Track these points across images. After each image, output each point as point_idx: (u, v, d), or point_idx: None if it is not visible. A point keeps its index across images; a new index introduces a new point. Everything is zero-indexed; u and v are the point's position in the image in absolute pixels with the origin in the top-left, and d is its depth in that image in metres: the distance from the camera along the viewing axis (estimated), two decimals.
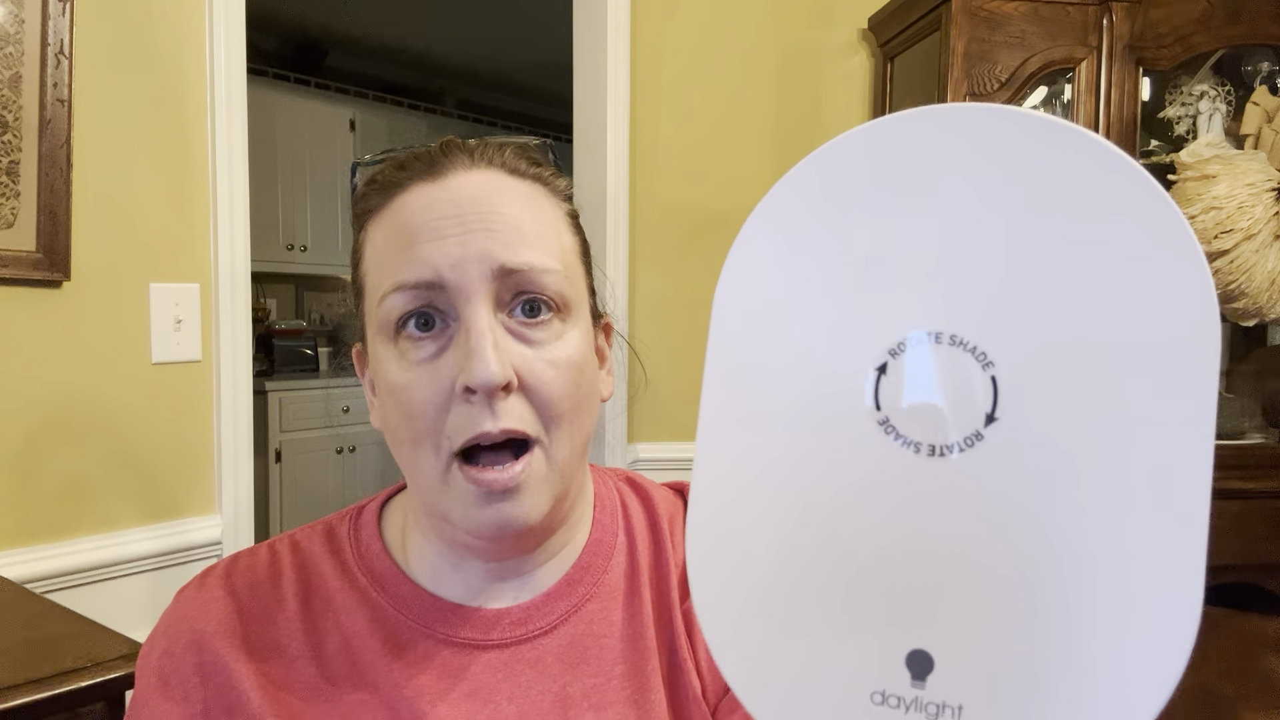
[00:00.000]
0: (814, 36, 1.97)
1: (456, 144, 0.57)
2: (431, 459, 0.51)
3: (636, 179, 1.92)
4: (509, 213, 0.53)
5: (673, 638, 0.59)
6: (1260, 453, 1.74)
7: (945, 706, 0.29)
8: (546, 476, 0.52)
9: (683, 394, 1.95)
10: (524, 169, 0.57)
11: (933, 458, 0.30)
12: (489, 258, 0.51)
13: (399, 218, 0.54)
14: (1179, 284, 0.27)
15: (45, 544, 1.26)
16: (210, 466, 1.44)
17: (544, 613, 0.57)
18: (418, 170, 0.55)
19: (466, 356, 0.50)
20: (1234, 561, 1.70)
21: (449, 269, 0.51)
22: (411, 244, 0.52)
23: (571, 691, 0.55)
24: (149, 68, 1.35)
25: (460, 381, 0.50)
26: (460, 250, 0.51)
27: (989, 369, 0.29)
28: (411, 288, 0.51)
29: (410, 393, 0.51)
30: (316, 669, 0.55)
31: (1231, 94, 1.79)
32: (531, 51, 4.32)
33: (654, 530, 0.63)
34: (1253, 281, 1.63)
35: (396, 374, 0.52)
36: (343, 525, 0.61)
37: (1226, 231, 1.62)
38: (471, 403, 0.50)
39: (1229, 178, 1.63)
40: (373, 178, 0.57)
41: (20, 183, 1.21)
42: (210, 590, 0.57)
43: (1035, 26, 1.67)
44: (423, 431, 0.51)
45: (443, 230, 0.52)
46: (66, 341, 1.28)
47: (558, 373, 0.52)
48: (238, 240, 1.44)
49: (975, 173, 0.30)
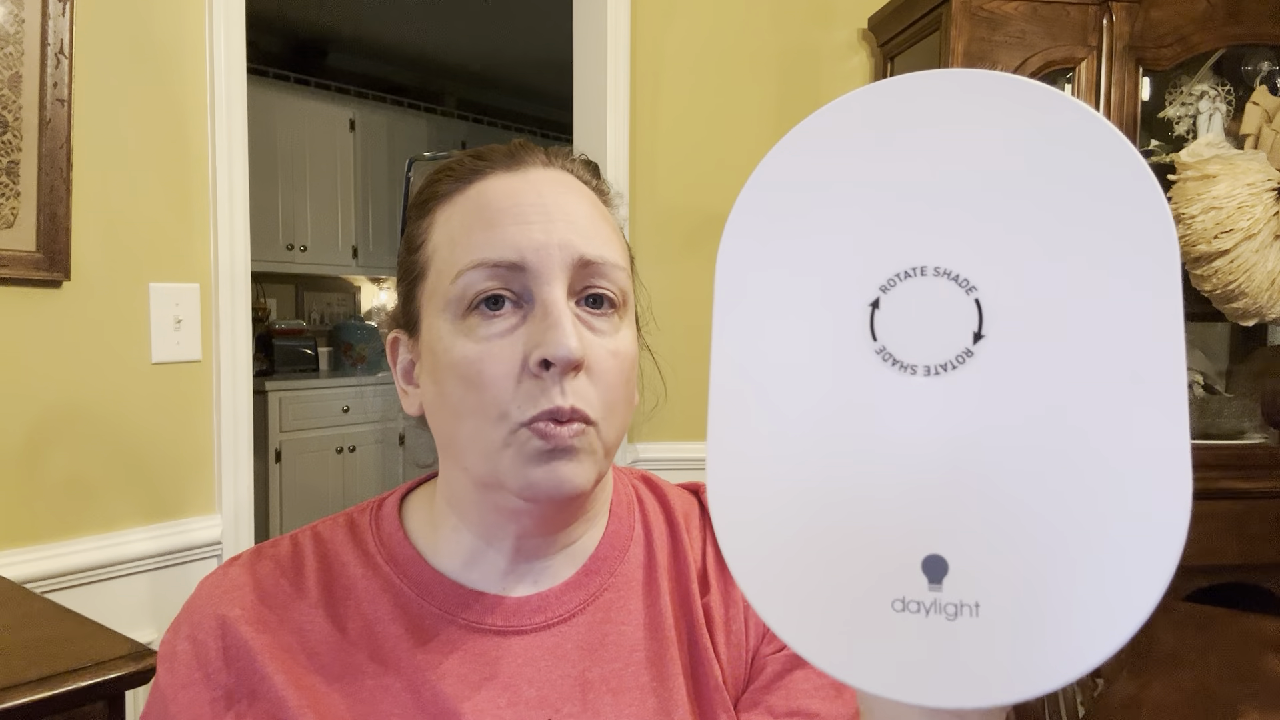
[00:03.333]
0: (814, 36, 1.97)
1: (532, 145, 0.60)
2: (492, 428, 0.53)
3: (636, 179, 1.92)
4: (584, 209, 0.57)
5: (693, 629, 0.60)
6: (1260, 453, 1.74)
7: (963, 605, 0.31)
8: (595, 450, 0.54)
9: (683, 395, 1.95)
10: (589, 178, 0.61)
11: (929, 377, 0.32)
12: (571, 247, 0.54)
13: (479, 200, 0.56)
14: (1134, 198, 0.31)
15: (45, 544, 1.26)
16: (210, 466, 1.44)
17: (563, 601, 0.59)
18: (498, 161, 0.58)
19: (545, 331, 0.52)
20: (1234, 561, 1.70)
21: (532, 251, 0.53)
22: (494, 225, 0.55)
23: (591, 676, 0.57)
24: (149, 68, 1.35)
25: (538, 355, 0.51)
26: (544, 236, 0.54)
27: (972, 293, 0.32)
28: (493, 265, 0.53)
29: (481, 364, 0.53)
30: (339, 654, 0.56)
31: (1231, 94, 1.79)
32: (531, 51, 4.32)
33: (671, 526, 0.65)
34: (1253, 281, 1.63)
35: (465, 347, 0.54)
36: (364, 516, 0.63)
37: (1226, 231, 1.62)
38: (543, 378, 0.52)
39: (1229, 178, 1.63)
40: (447, 166, 0.60)
41: (20, 183, 1.21)
42: (235, 577, 0.58)
43: (1035, 26, 1.67)
44: (490, 402, 0.53)
45: (527, 216, 0.55)
46: (66, 341, 1.28)
47: (617, 362, 0.55)
48: (238, 240, 1.44)
49: (958, 123, 0.33)
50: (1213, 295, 1.68)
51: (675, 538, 0.64)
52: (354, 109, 4.29)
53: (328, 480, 3.84)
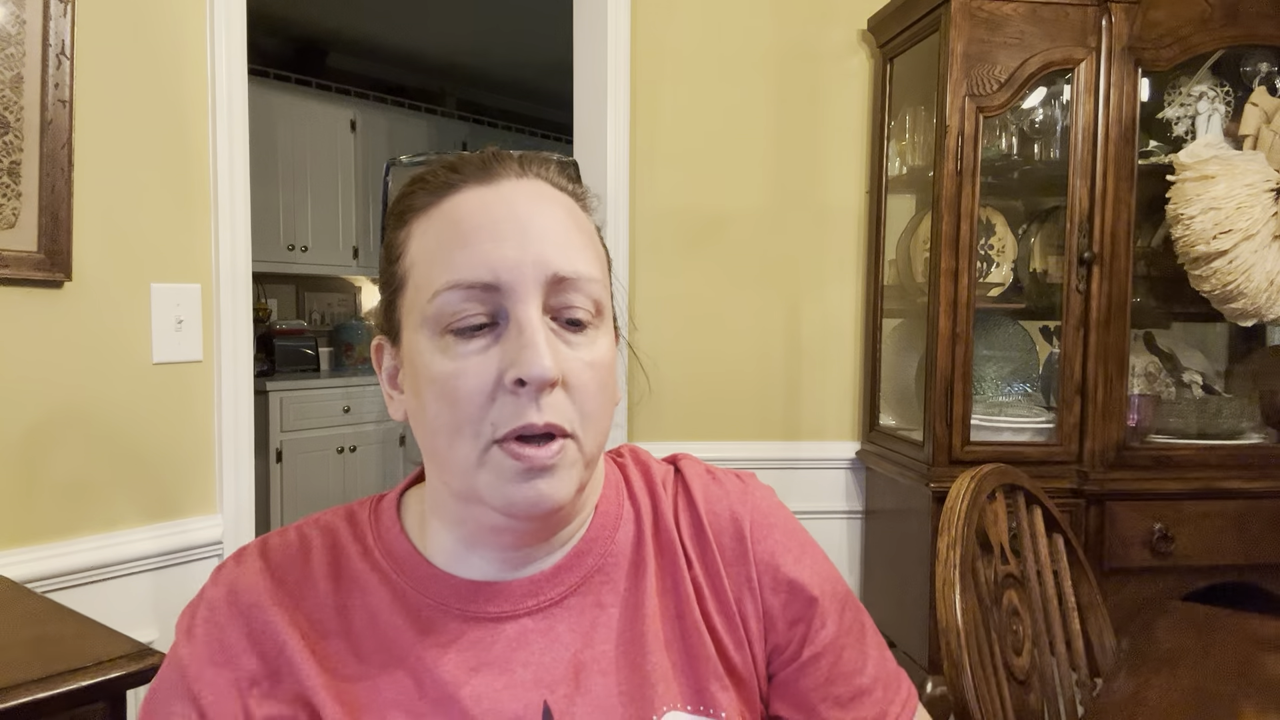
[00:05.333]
0: (814, 36, 1.98)
1: (506, 153, 0.60)
2: (469, 444, 0.54)
3: (636, 179, 1.93)
4: (558, 222, 0.57)
5: (680, 603, 0.62)
6: (1260, 453, 1.74)
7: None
8: (575, 463, 0.55)
9: (681, 394, 1.96)
10: (564, 184, 0.61)
11: None
12: (545, 264, 0.55)
13: (453, 216, 0.57)
14: None
15: (46, 544, 1.26)
16: (211, 466, 1.44)
17: (555, 584, 0.61)
18: (471, 173, 0.58)
19: (519, 350, 0.53)
20: (1234, 561, 1.70)
21: (506, 271, 0.54)
22: (468, 243, 0.55)
23: (583, 658, 0.59)
24: (150, 69, 1.35)
25: (512, 374, 0.52)
26: (518, 254, 0.54)
27: None
28: (468, 287, 0.54)
29: (457, 381, 0.54)
30: (348, 643, 0.58)
31: (1230, 95, 1.79)
32: (531, 52, 4.32)
33: (654, 500, 0.66)
34: (1251, 282, 1.63)
35: (442, 364, 0.54)
36: (363, 510, 0.64)
37: (1225, 232, 1.62)
38: (519, 395, 0.53)
39: (1228, 178, 1.63)
40: (421, 177, 0.60)
41: (22, 183, 1.21)
42: (249, 564, 0.60)
43: (1034, 27, 1.67)
44: (465, 419, 0.54)
45: (501, 233, 0.55)
46: (68, 342, 1.28)
47: (594, 374, 0.56)
48: (238, 240, 1.44)
49: None
50: (1211, 296, 1.68)
51: (658, 512, 0.65)
52: (355, 109, 4.29)
53: (328, 480, 3.84)
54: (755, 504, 0.67)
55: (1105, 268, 1.68)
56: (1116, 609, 1.55)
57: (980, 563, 1.12)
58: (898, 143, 1.94)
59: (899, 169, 1.95)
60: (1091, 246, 1.68)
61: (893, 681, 0.66)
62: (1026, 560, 1.21)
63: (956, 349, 1.69)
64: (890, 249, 1.97)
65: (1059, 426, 1.72)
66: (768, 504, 0.67)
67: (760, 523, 0.66)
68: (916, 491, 1.74)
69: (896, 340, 2.00)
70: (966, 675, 0.96)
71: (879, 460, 1.93)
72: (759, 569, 0.64)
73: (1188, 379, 1.89)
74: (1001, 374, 1.94)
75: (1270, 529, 1.69)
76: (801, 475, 2.01)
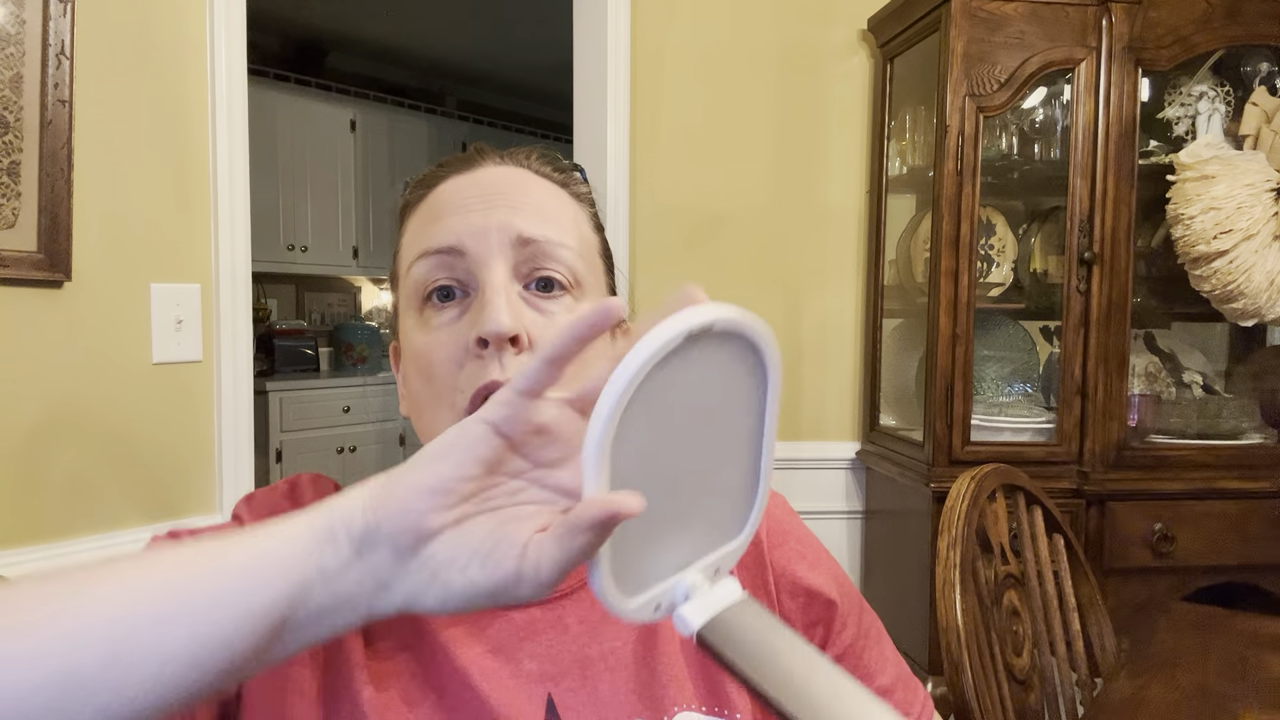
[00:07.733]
0: (814, 36, 1.97)
1: (488, 148, 0.63)
2: (446, 417, 0.54)
3: (636, 179, 1.93)
4: (531, 195, 0.58)
5: None
6: (1260, 453, 1.74)
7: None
8: None
9: None
10: (548, 171, 0.62)
11: None
12: (509, 227, 0.56)
13: (434, 201, 0.59)
14: None
15: (46, 543, 1.26)
16: (211, 466, 1.44)
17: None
18: (454, 166, 0.61)
19: (479, 310, 0.53)
20: (1234, 561, 1.70)
21: (470, 236, 0.55)
22: (440, 218, 0.57)
23: (590, 653, 0.58)
24: (150, 68, 1.35)
25: (473, 333, 0.53)
26: (482, 220, 0.56)
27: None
28: (435, 253, 0.56)
29: (430, 353, 0.55)
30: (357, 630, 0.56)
31: (1230, 94, 1.79)
32: (532, 52, 4.32)
33: None
34: (1252, 282, 1.63)
35: (419, 339, 0.56)
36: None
37: (1226, 232, 1.62)
38: (483, 356, 0.53)
39: (1228, 178, 1.63)
40: (417, 178, 0.63)
41: (21, 183, 1.21)
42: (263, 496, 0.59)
43: (1035, 27, 1.67)
44: (441, 390, 0.54)
45: (468, 206, 0.57)
46: (67, 342, 1.28)
47: None
48: (238, 240, 1.44)
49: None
50: (1212, 295, 1.68)
51: None
52: (355, 109, 4.29)
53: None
54: (769, 512, 0.66)
55: (1105, 268, 1.68)
56: (1116, 609, 1.55)
57: (980, 563, 1.12)
58: (898, 142, 1.94)
59: (899, 169, 1.94)
60: (1092, 246, 1.68)
61: (911, 684, 0.67)
62: (1027, 560, 1.21)
63: (957, 349, 1.69)
64: (890, 249, 1.97)
65: (1059, 427, 1.72)
66: (781, 511, 0.68)
67: (775, 530, 0.66)
68: (917, 491, 1.74)
69: (896, 340, 2.00)
70: (966, 675, 0.96)
71: (879, 460, 1.93)
72: (775, 576, 0.64)
73: (1188, 379, 1.89)
74: (1002, 374, 1.94)
75: (1270, 529, 1.69)
76: (801, 475, 2.01)
